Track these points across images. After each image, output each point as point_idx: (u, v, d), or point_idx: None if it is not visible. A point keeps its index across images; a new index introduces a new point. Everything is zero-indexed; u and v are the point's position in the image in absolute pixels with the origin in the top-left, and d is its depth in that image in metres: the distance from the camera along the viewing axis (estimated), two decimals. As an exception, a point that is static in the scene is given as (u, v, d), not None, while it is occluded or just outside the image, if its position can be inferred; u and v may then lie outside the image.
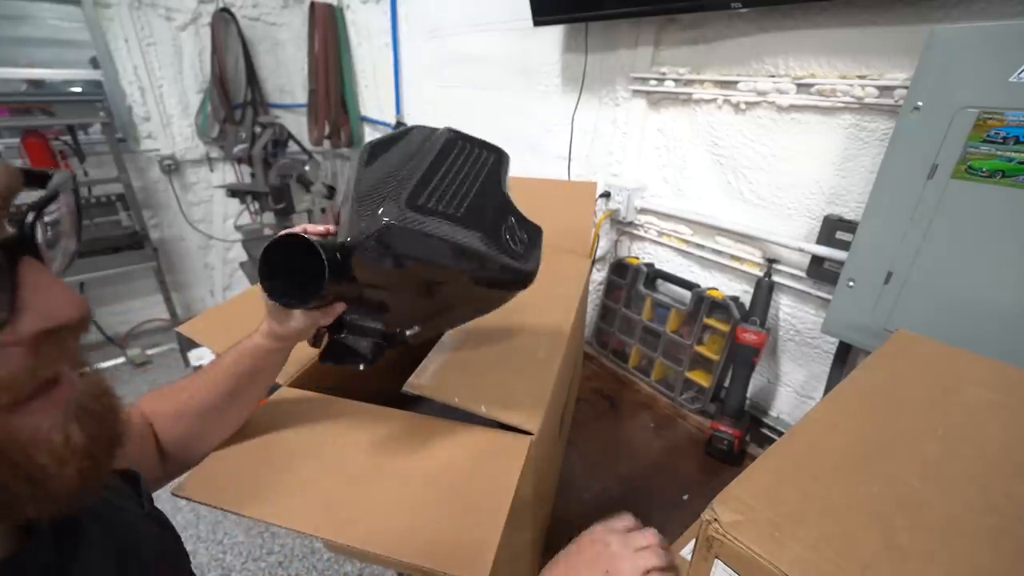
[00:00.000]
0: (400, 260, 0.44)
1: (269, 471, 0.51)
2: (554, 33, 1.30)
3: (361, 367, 0.50)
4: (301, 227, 0.48)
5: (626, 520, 0.53)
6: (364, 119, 2.48)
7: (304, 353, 0.68)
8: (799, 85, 0.87)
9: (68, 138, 2.16)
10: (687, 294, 1.09)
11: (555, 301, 0.80)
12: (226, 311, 0.77)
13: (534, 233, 0.55)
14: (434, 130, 0.54)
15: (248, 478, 0.50)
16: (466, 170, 0.50)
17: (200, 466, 0.51)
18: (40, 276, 0.22)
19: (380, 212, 0.42)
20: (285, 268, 0.45)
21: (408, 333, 0.53)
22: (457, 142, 0.53)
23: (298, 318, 0.48)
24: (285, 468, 0.51)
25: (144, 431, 0.50)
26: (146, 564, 0.36)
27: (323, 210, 2.50)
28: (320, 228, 0.49)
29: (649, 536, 0.49)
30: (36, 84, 2.23)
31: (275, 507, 0.46)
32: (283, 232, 0.45)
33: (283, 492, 0.48)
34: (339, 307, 0.50)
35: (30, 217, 0.22)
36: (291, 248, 0.44)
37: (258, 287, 0.45)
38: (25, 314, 0.21)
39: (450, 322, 0.59)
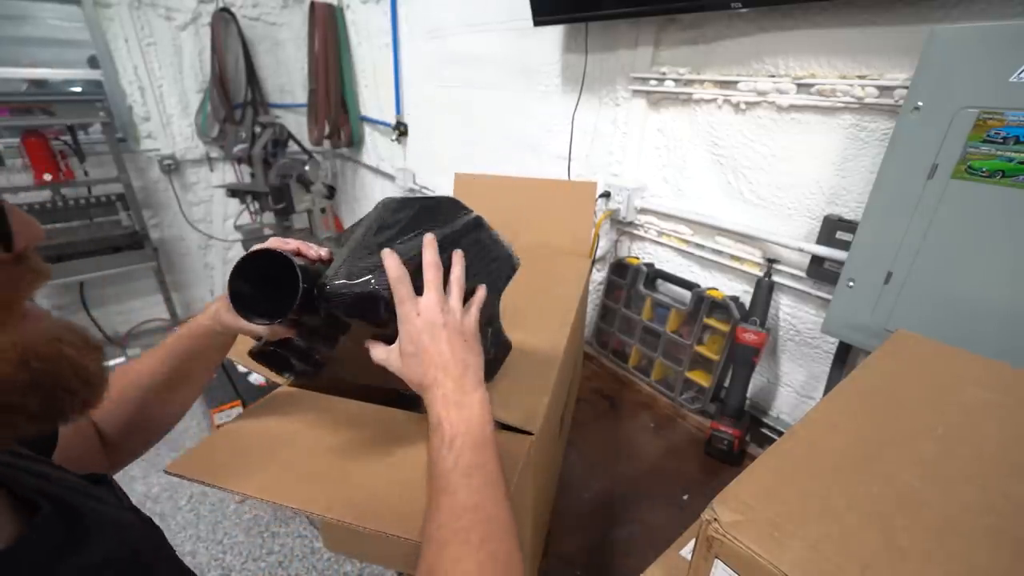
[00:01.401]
0: (368, 320, 0.44)
1: (264, 454, 0.51)
2: (554, 33, 1.30)
3: (285, 376, 0.50)
4: (296, 244, 0.46)
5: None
6: (364, 119, 2.48)
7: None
8: (799, 85, 0.87)
9: (68, 138, 2.16)
10: (687, 294, 1.09)
11: (555, 301, 0.80)
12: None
13: (503, 350, 0.55)
14: (465, 211, 0.53)
15: (242, 459, 0.50)
16: (475, 268, 0.50)
17: (196, 447, 0.51)
18: (12, 207, 0.26)
19: (371, 281, 0.42)
20: (260, 274, 0.45)
21: (342, 373, 0.53)
22: (480, 232, 0.53)
23: (250, 324, 0.47)
24: (281, 452, 0.51)
25: (81, 422, 0.49)
26: (138, 547, 0.36)
27: (323, 210, 2.50)
28: (314, 253, 0.47)
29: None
30: (37, 84, 2.23)
31: (267, 484, 0.47)
32: (272, 244, 0.45)
33: (277, 471, 0.49)
34: (290, 333, 0.49)
35: None
36: (275, 260, 0.43)
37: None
38: (15, 237, 0.26)
39: (387, 380, 0.56)
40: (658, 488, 0.90)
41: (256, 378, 1.77)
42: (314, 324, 0.48)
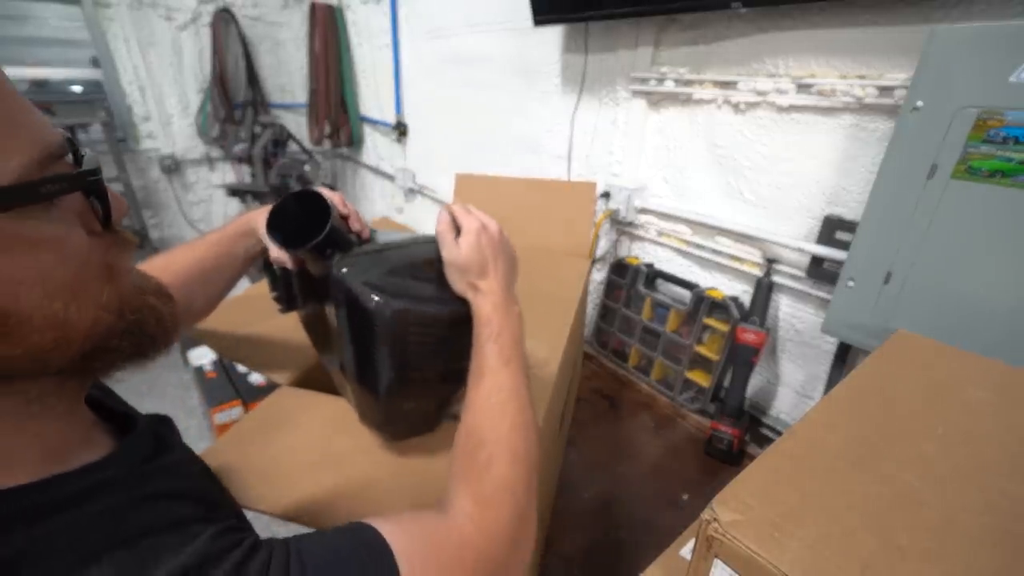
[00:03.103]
0: (350, 317, 0.46)
1: (268, 464, 0.51)
2: (554, 33, 1.30)
3: (272, 295, 0.56)
4: (352, 210, 0.51)
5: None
6: (364, 119, 2.48)
7: (304, 353, 0.68)
8: (799, 85, 0.87)
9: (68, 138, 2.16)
10: (687, 294, 1.09)
11: (555, 301, 0.80)
12: (226, 310, 0.77)
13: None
14: None
15: (249, 471, 0.50)
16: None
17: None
18: (108, 188, 0.30)
19: (377, 299, 0.44)
20: (308, 209, 0.47)
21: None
22: None
23: (269, 239, 0.52)
24: (286, 461, 0.51)
25: None
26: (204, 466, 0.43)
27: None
28: (357, 225, 0.51)
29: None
30: (38, 84, 2.23)
31: (277, 500, 0.47)
32: (330, 195, 0.48)
33: (284, 486, 0.48)
34: (293, 264, 0.52)
35: (85, 153, 0.30)
36: (322, 206, 0.46)
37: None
38: (113, 213, 0.30)
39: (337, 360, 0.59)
40: (658, 488, 0.90)
41: (256, 378, 1.77)
42: (315, 272, 0.51)
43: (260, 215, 0.54)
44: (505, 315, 0.46)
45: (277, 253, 0.52)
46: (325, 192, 0.48)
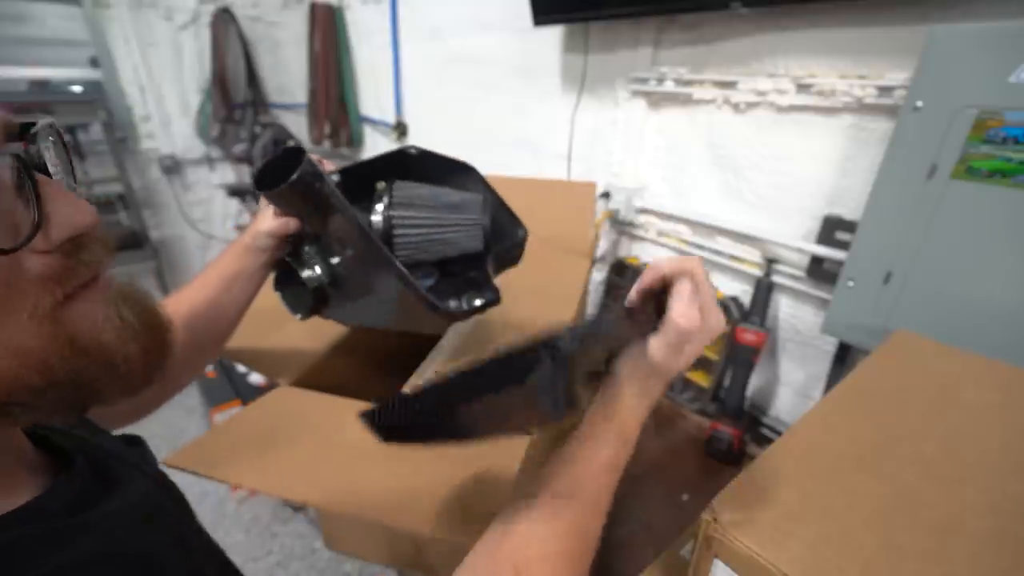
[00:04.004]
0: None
1: (262, 448, 0.51)
2: (554, 33, 1.30)
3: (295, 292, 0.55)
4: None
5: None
6: (364, 119, 2.48)
7: (304, 353, 0.68)
8: (799, 85, 0.87)
9: (68, 138, 2.16)
10: (687, 294, 1.09)
11: (555, 301, 0.80)
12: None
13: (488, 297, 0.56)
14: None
15: (240, 452, 0.51)
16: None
17: (194, 441, 0.52)
18: (55, 190, 0.24)
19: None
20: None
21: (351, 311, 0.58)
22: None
23: (269, 220, 0.52)
24: (279, 446, 0.52)
25: None
26: (167, 510, 0.36)
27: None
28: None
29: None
30: (37, 84, 2.23)
31: (265, 476, 0.47)
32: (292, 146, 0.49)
33: (275, 464, 0.49)
34: (294, 226, 0.52)
35: (34, 141, 0.25)
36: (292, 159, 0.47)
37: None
38: (52, 223, 0.23)
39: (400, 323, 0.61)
40: (658, 488, 0.90)
41: (256, 378, 1.77)
42: (314, 227, 0.52)
43: (256, 223, 0.53)
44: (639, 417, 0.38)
45: (273, 221, 0.51)
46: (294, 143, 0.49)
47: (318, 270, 0.54)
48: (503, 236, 0.59)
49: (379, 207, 0.53)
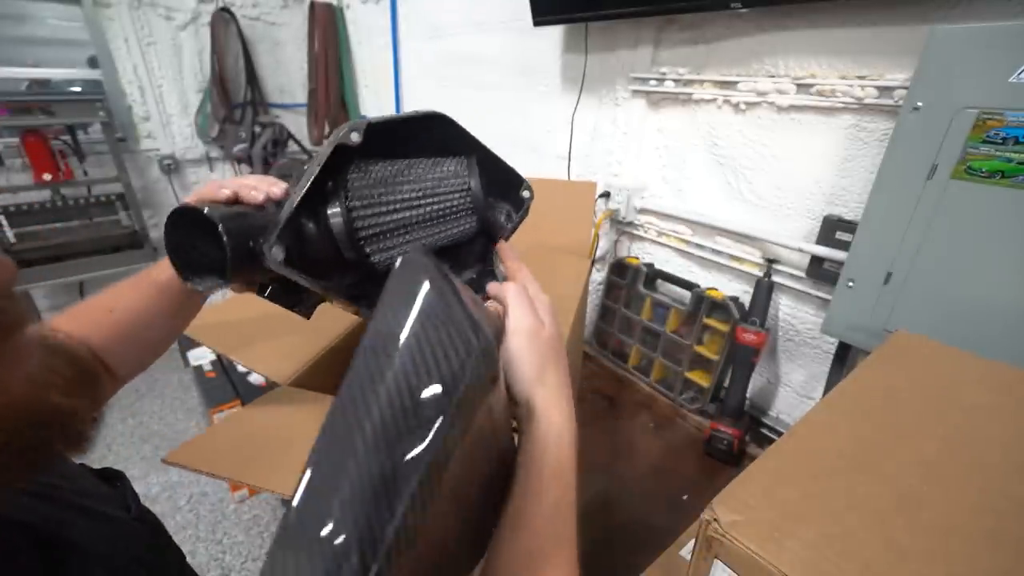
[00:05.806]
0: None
1: (263, 446, 0.52)
2: (554, 33, 1.30)
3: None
4: (234, 188, 0.40)
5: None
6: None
7: (304, 353, 0.68)
8: (799, 85, 0.87)
9: (68, 138, 2.16)
10: (687, 294, 1.09)
11: (555, 301, 0.80)
12: (225, 310, 0.77)
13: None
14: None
15: (240, 451, 0.51)
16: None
17: (194, 439, 0.52)
18: None
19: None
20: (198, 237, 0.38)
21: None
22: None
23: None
24: (279, 444, 0.52)
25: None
26: (143, 561, 0.35)
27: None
28: (259, 196, 0.40)
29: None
30: (37, 83, 2.23)
31: (265, 474, 0.47)
32: (198, 196, 0.39)
33: (275, 462, 0.49)
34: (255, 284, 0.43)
35: None
36: (198, 222, 0.36)
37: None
38: None
39: None
40: (658, 488, 0.90)
41: (256, 378, 1.76)
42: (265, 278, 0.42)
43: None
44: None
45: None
46: (191, 201, 0.38)
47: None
48: (504, 196, 0.52)
49: (335, 206, 0.42)
